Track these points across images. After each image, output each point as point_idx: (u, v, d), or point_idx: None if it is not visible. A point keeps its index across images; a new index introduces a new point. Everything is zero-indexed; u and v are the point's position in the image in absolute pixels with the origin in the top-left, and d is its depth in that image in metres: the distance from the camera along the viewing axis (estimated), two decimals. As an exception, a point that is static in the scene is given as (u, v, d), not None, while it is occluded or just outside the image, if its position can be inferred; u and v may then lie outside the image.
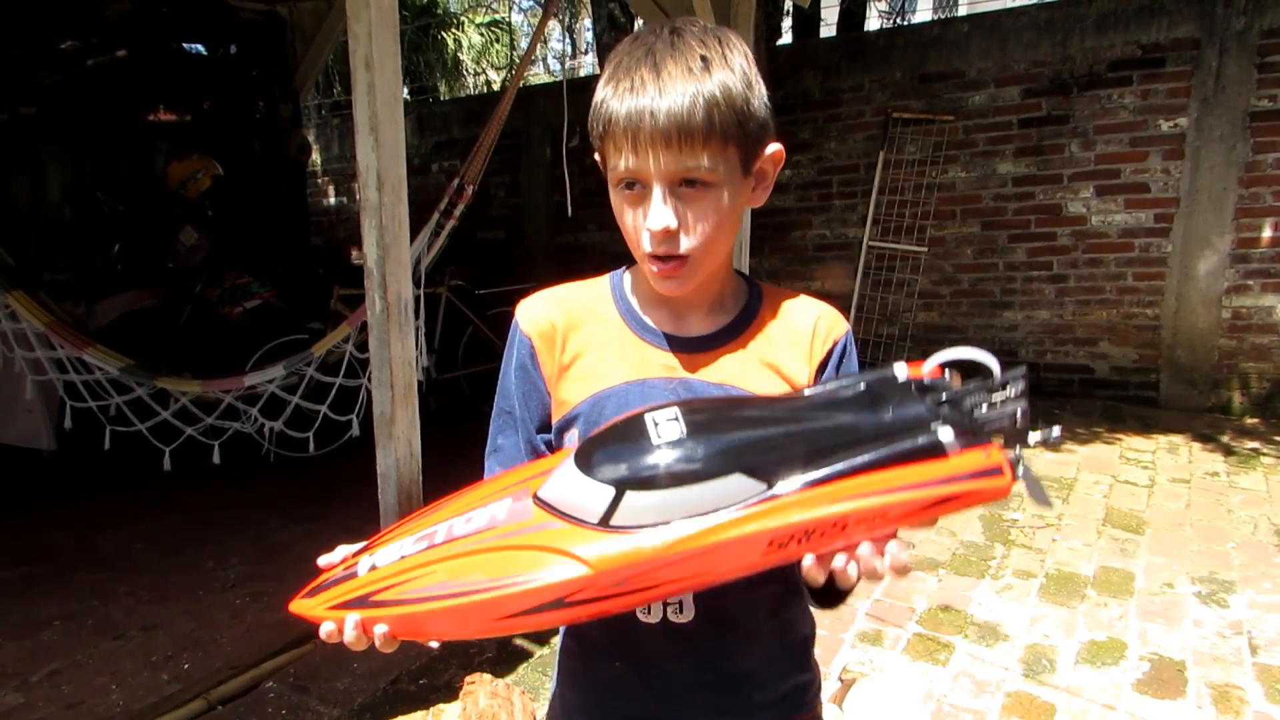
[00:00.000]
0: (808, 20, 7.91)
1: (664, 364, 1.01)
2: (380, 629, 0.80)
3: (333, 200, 9.94)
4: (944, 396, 0.80)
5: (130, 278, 5.65)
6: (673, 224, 0.91)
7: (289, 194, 6.95)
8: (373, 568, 0.82)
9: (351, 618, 0.81)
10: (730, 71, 0.90)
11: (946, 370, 0.84)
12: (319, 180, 9.87)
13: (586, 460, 0.78)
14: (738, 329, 1.04)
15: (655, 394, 0.99)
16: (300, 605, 0.85)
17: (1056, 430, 0.82)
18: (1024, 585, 3.28)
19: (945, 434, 0.76)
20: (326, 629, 0.83)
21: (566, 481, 0.79)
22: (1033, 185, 5.98)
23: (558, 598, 0.75)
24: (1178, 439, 5.04)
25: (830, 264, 6.79)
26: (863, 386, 0.84)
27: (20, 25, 5.43)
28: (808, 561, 0.76)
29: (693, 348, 1.02)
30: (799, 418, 0.81)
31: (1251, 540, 3.65)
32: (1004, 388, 0.79)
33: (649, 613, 0.99)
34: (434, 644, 0.85)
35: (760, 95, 0.94)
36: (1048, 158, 5.90)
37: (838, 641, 2.89)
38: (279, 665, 2.81)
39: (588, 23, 13.58)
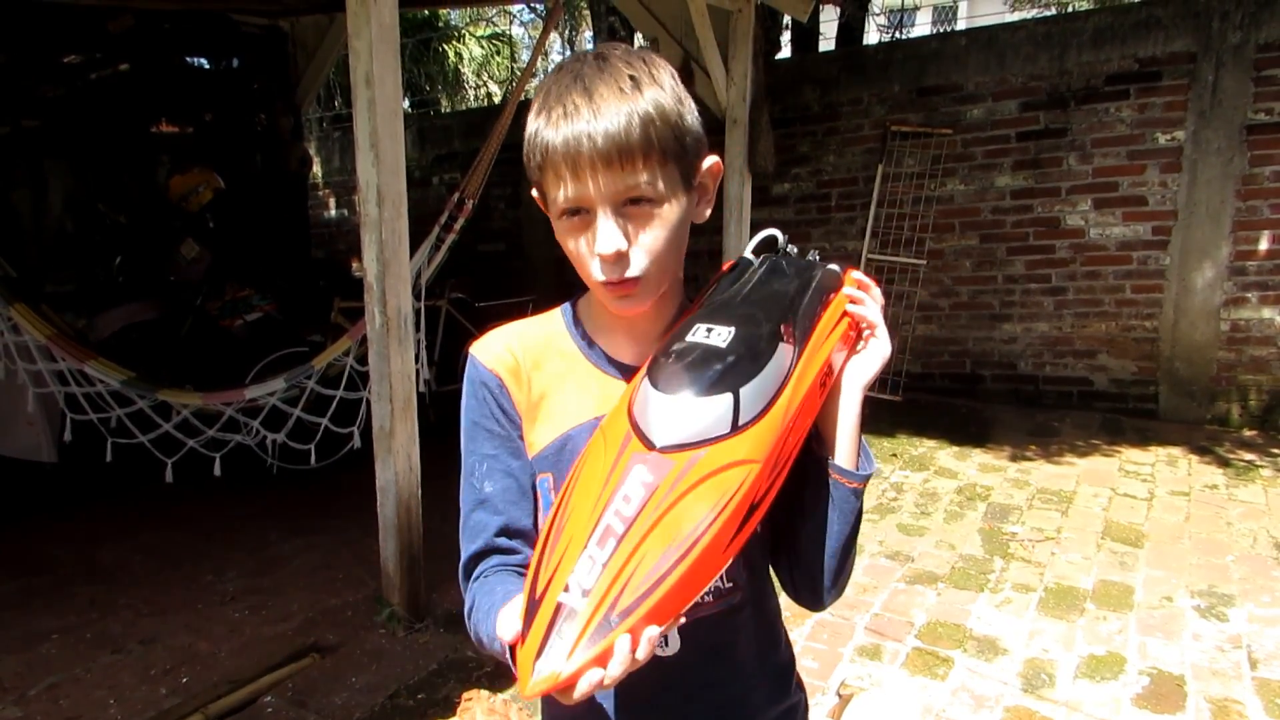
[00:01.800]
0: (806, 34, 7.94)
1: None
2: (651, 631, 0.74)
3: (333, 213, 9.97)
4: (791, 257, 1.05)
5: (132, 290, 5.67)
6: (623, 245, 0.90)
7: (290, 207, 6.97)
8: (585, 592, 0.75)
9: (623, 640, 0.73)
10: (660, 89, 0.91)
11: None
12: (320, 193, 9.90)
13: (677, 388, 0.84)
14: None
15: None
16: (544, 680, 0.74)
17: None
18: (1023, 599, 3.28)
19: (834, 266, 1.03)
20: (592, 680, 0.73)
21: (679, 414, 0.82)
22: (1031, 198, 6.00)
23: (751, 503, 0.80)
24: (1177, 451, 5.04)
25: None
26: (756, 270, 1.03)
27: (24, 39, 5.46)
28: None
29: None
30: (764, 296, 0.97)
31: (1251, 553, 3.65)
32: (789, 247, 1.07)
33: None
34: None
35: (692, 110, 0.95)
36: (1045, 171, 5.92)
37: (836, 656, 2.89)
38: (277, 679, 2.81)
39: (588, 35, 13.64)
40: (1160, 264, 5.66)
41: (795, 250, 1.06)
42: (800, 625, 3.08)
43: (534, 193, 0.98)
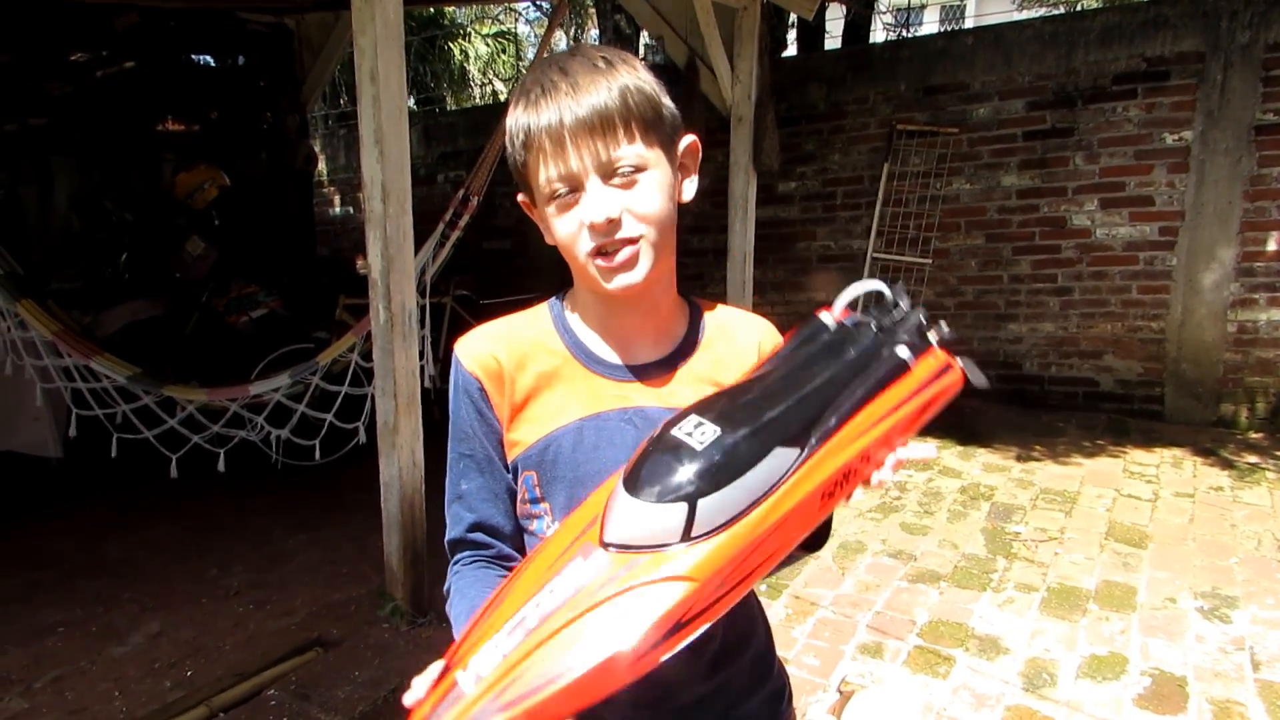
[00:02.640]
0: (812, 33, 7.93)
1: (616, 394, 1.01)
2: None
3: (339, 210, 9.99)
4: (873, 326, 0.92)
5: (137, 287, 5.69)
6: (614, 212, 0.91)
7: (295, 204, 6.99)
8: (478, 678, 0.76)
9: None
10: (633, 69, 0.93)
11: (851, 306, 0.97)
12: (325, 190, 9.93)
13: (638, 489, 0.79)
14: (686, 352, 1.04)
15: (610, 427, 0.99)
16: None
17: (944, 326, 0.95)
18: (1025, 599, 3.28)
19: (903, 351, 0.89)
20: None
21: (632, 516, 0.79)
22: (1037, 198, 5.98)
23: (675, 622, 0.76)
24: (1182, 453, 5.03)
25: (831, 275, 6.79)
26: (817, 343, 0.93)
27: (31, 37, 5.48)
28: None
29: (644, 375, 1.02)
30: (794, 383, 0.87)
31: (1255, 555, 3.64)
32: (897, 305, 0.94)
33: None
34: None
35: (665, 92, 0.97)
36: (1052, 170, 5.91)
37: (838, 653, 2.89)
38: (281, 673, 2.82)
39: (594, 34, 13.64)
40: (1167, 265, 5.64)
41: (905, 303, 0.94)
42: (802, 623, 3.09)
43: (520, 197, 0.99)
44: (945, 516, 4.14)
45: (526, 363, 1.03)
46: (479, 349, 1.04)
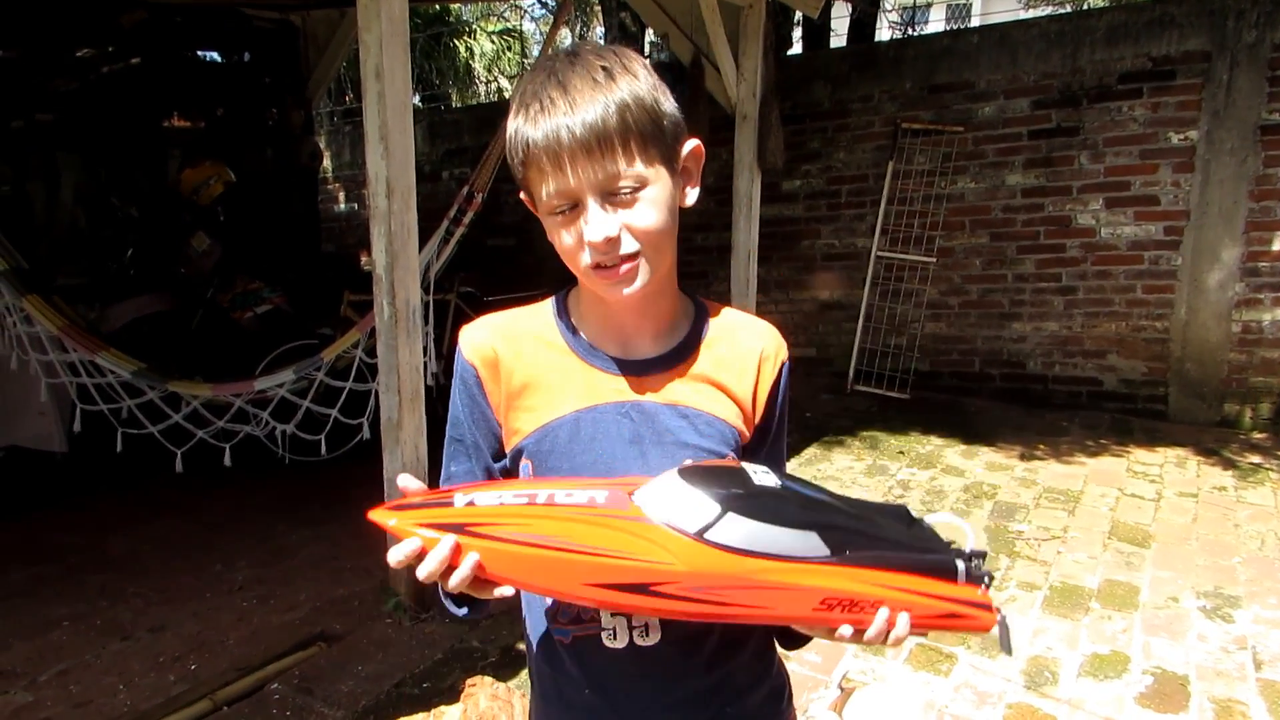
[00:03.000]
0: (818, 31, 7.93)
1: (614, 388, 1.02)
2: (471, 558, 0.81)
3: (344, 206, 10.00)
4: (957, 550, 0.95)
5: (143, 282, 5.70)
6: (613, 232, 0.92)
7: (300, 200, 7.00)
8: (471, 503, 0.83)
9: (449, 538, 0.81)
10: (634, 77, 0.92)
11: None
12: (330, 186, 9.94)
13: (690, 477, 0.85)
14: (686, 351, 1.04)
15: (607, 419, 1.01)
16: (382, 515, 0.84)
17: (1002, 617, 0.95)
18: (1028, 597, 3.28)
19: (960, 564, 0.91)
20: (409, 546, 0.81)
21: (671, 490, 0.84)
22: (1042, 197, 5.98)
23: (645, 582, 0.81)
24: (1186, 453, 5.02)
25: (835, 273, 6.79)
26: (895, 513, 0.97)
27: (37, 33, 5.49)
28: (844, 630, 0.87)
29: (641, 370, 1.03)
30: (859, 514, 0.92)
31: (1258, 555, 3.64)
32: (971, 560, 0.94)
33: (615, 638, 1.00)
34: (507, 591, 0.85)
35: (667, 96, 0.96)
36: (1057, 169, 5.91)
37: (839, 650, 2.89)
38: (284, 667, 2.83)
39: (599, 31, 13.64)
40: (1172, 264, 5.64)
41: (977, 562, 0.94)
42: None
43: (522, 195, 1.00)
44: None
45: (524, 353, 1.04)
46: (479, 338, 1.06)
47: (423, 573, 0.82)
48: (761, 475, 0.87)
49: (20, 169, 5.64)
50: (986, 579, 0.94)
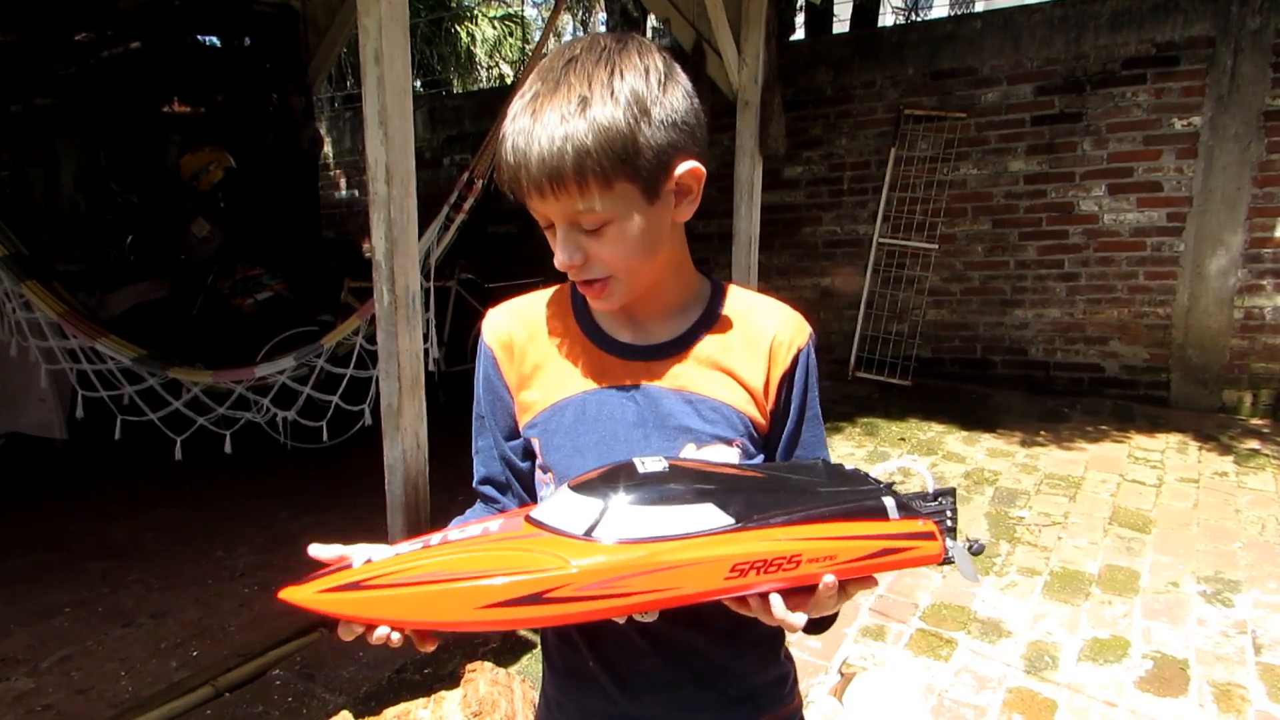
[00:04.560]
0: (821, 16, 7.88)
1: (622, 371, 1.03)
2: (381, 631, 0.83)
3: (344, 193, 9.99)
4: (883, 484, 0.93)
5: (143, 269, 5.70)
6: (577, 259, 0.93)
7: (301, 186, 6.98)
8: (368, 560, 0.85)
9: (353, 627, 0.83)
10: (613, 105, 0.87)
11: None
12: (331, 173, 9.92)
13: (577, 487, 0.85)
14: (696, 335, 1.04)
15: (613, 401, 1.01)
16: (291, 593, 0.85)
17: (981, 543, 0.94)
18: (1028, 582, 3.28)
19: (889, 502, 0.89)
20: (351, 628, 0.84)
21: (558, 501, 0.85)
22: (1044, 183, 5.96)
23: (536, 592, 0.79)
24: (1187, 438, 5.02)
25: (839, 262, 6.78)
26: (819, 467, 0.96)
27: (36, 17, 5.47)
28: (779, 608, 0.84)
29: (650, 355, 1.03)
30: (768, 476, 0.92)
31: (1259, 540, 3.64)
32: (935, 500, 0.93)
33: None
34: (429, 649, 0.87)
35: (660, 118, 0.90)
36: (1060, 155, 5.88)
37: (840, 636, 2.89)
38: (286, 653, 2.84)
39: (601, 17, 13.58)
40: (1174, 250, 5.62)
41: (946, 501, 0.93)
42: (805, 606, 3.09)
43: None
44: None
45: (538, 335, 1.07)
46: (497, 321, 1.10)
47: (372, 638, 0.84)
48: (650, 463, 0.86)
49: (19, 154, 5.63)
50: (944, 515, 0.92)
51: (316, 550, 0.88)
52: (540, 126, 0.87)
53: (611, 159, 0.87)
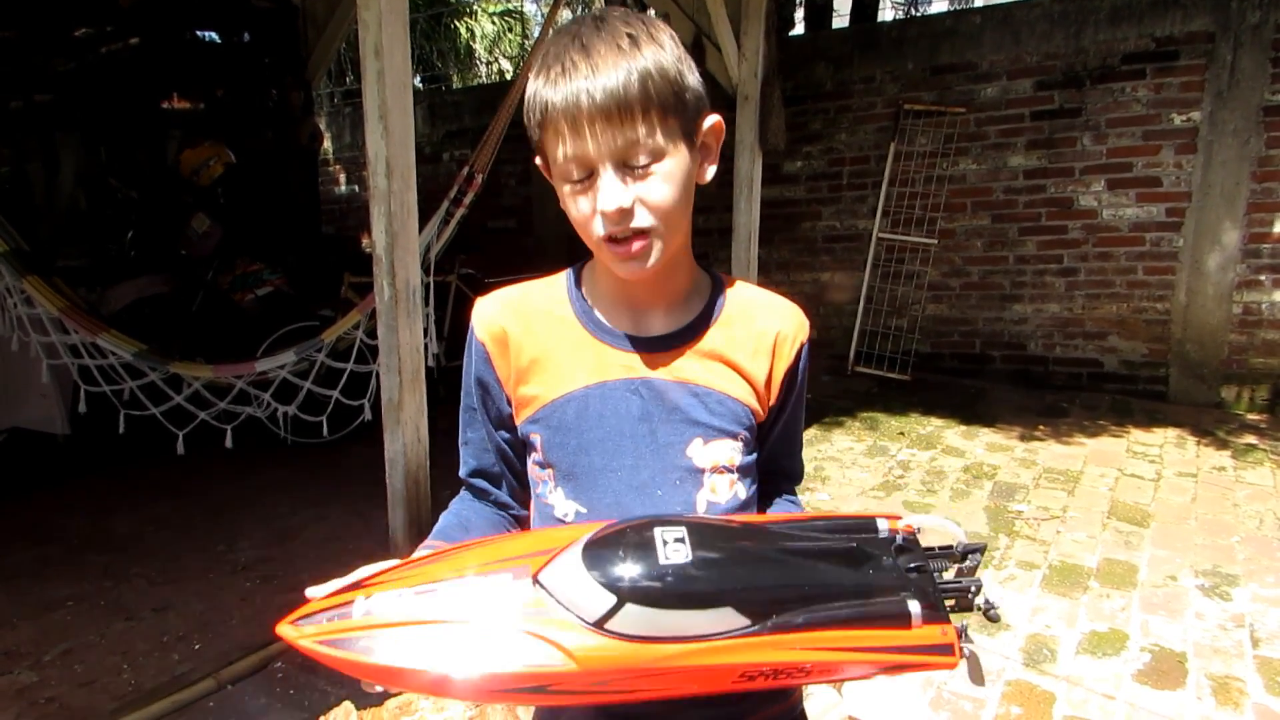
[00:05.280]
0: (820, 11, 7.88)
1: (623, 364, 1.01)
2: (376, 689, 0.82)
3: (344, 188, 9.98)
4: (913, 563, 0.88)
5: (143, 264, 5.69)
6: (626, 202, 0.90)
7: (301, 182, 6.98)
8: (368, 613, 0.81)
9: (346, 705, 0.83)
10: (659, 47, 0.90)
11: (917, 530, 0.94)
12: (331, 168, 9.91)
13: (593, 560, 0.80)
14: (698, 328, 1.03)
15: (616, 395, 1.00)
16: (287, 631, 0.83)
17: (997, 612, 0.91)
18: (1027, 576, 3.30)
19: (914, 607, 0.84)
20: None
21: (570, 575, 0.80)
22: (1044, 178, 5.97)
23: (540, 684, 0.77)
24: (1185, 433, 5.03)
25: (838, 257, 6.79)
26: (847, 538, 0.91)
27: (35, 13, 5.46)
28: None
29: (652, 347, 1.02)
30: (793, 563, 0.86)
31: (1257, 534, 3.65)
32: (964, 558, 0.90)
33: None
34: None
35: (692, 69, 0.94)
36: (1059, 151, 5.89)
37: (840, 629, 2.90)
38: (288, 646, 2.84)
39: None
40: (1173, 246, 5.63)
41: (971, 562, 0.90)
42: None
43: (537, 160, 0.99)
44: (948, 495, 4.16)
45: (534, 328, 1.04)
46: (489, 313, 1.06)
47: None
48: (673, 545, 0.81)
49: (19, 150, 5.63)
50: (968, 591, 0.88)
51: (313, 591, 0.86)
52: (599, 58, 0.88)
53: (669, 89, 0.90)
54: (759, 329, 1.05)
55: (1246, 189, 5.35)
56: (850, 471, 4.49)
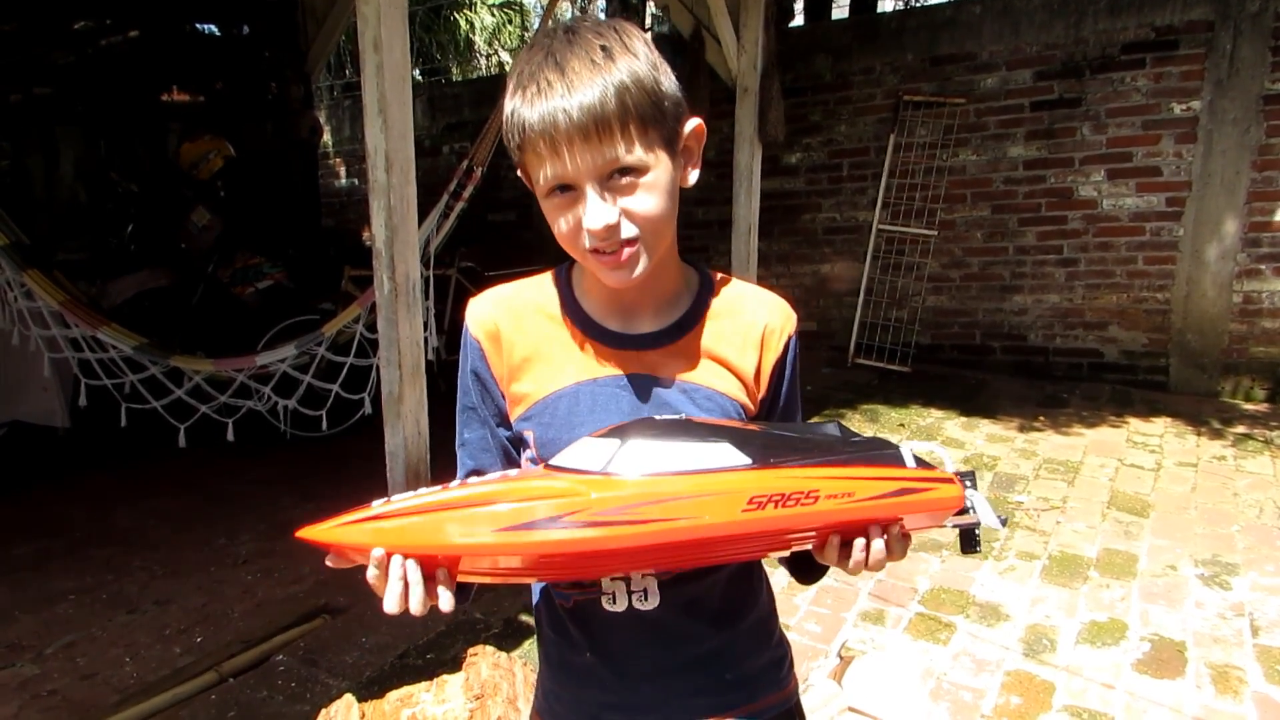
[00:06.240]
0: (820, 2, 7.86)
1: (614, 361, 1.02)
2: (377, 552, 0.83)
3: (344, 181, 9.97)
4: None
5: (143, 257, 5.70)
6: (612, 219, 0.90)
7: (300, 175, 6.98)
8: (387, 501, 0.85)
9: (378, 550, 0.83)
10: (633, 56, 0.90)
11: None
12: (330, 161, 9.90)
13: (596, 436, 0.87)
14: (687, 325, 1.04)
15: (607, 392, 1.01)
16: (310, 531, 0.86)
17: (1002, 516, 0.96)
18: (1027, 566, 3.30)
19: (906, 453, 0.91)
20: (372, 567, 0.84)
21: (577, 447, 0.87)
22: (1044, 169, 5.95)
23: (554, 515, 0.81)
24: (1185, 423, 5.03)
25: (838, 248, 6.78)
26: (838, 427, 0.96)
27: (35, 6, 5.46)
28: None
29: (642, 345, 1.03)
30: (784, 429, 0.94)
31: (1256, 524, 3.65)
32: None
33: (614, 602, 1.01)
34: (450, 607, 0.86)
35: (668, 74, 0.93)
36: (1059, 141, 5.88)
37: (839, 620, 2.91)
38: (289, 639, 2.86)
39: (600, 4, 13.53)
40: (1173, 235, 5.62)
41: (977, 508, 0.95)
42: (805, 590, 3.11)
43: (519, 173, 0.99)
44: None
45: (526, 327, 1.05)
46: (482, 311, 1.07)
47: (388, 605, 0.84)
48: (667, 411, 0.89)
49: (19, 143, 5.63)
50: (964, 479, 0.94)
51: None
52: (574, 75, 0.87)
53: (647, 100, 0.89)
54: (747, 322, 1.06)
55: (1246, 178, 5.34)
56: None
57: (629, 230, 0.92)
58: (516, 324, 1.05)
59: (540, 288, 1.08)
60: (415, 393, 3.10)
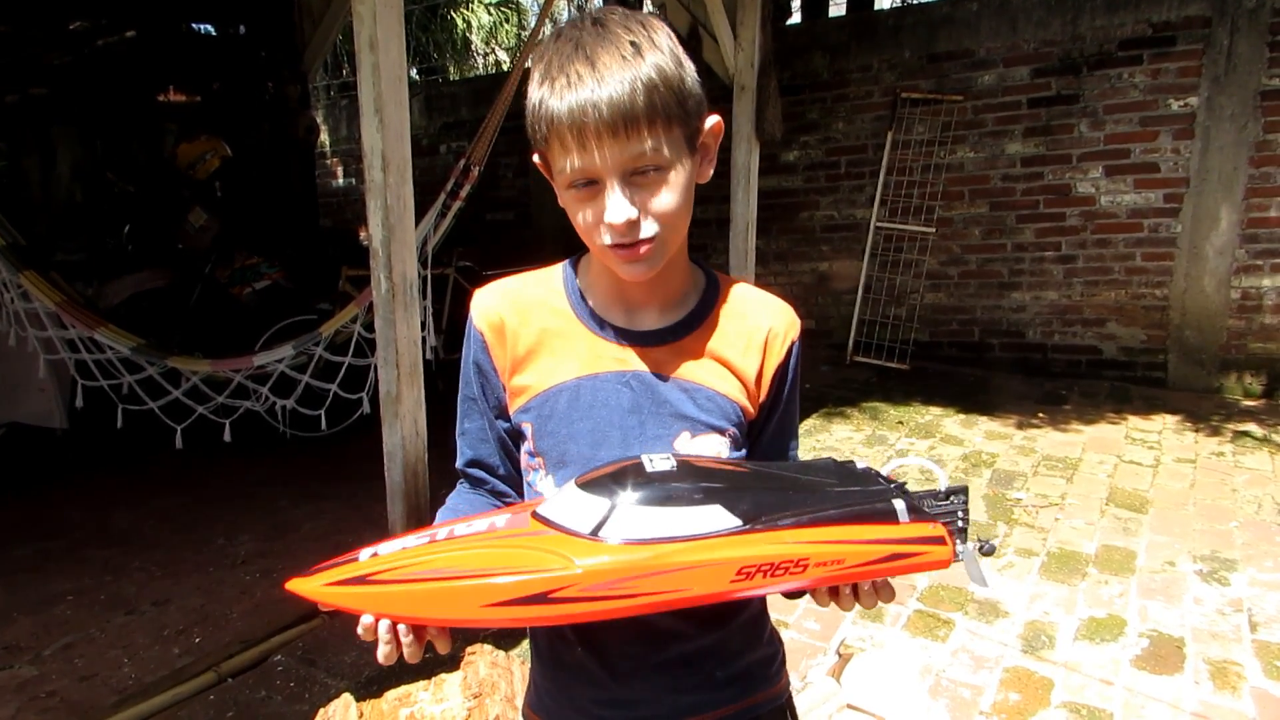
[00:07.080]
0: (817, -1, 7.87)
1: (616, 358, 1.02)
2: (365, 620, 0.85)
3: (341, 181, 9.96)
4: (894, 486, 0.92)
5: (140, 258, 5.70)
6: (633, 215, 0.91)
7: (297, 175, 6.96)
8: (374, 555, 0.85)
9: (368, 617, 0.85)
10: (661, 53, 0.90)
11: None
12: (328, 161, 9.89)
13: (585, 486, 0.85)
14: (692, 324, 1.04)
15: (607, 387, 1.01)
16: (298, 584, 0.87)
17: (992, 543, 0.95)
18: (1025, 563, 3.30)
19: (899, 504, 0.88)
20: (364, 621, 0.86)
21: (565, 499, 0.85)
22: (1041, 165, 5.96)
23: (542, 592, 0.79)
24: (1184, 419, 5.03)
25: (836, 246, 6.78)
26: (830, 464, 0.95)
27: (30, 6, 5.45)
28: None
29: (646, 341, 1.03)
30: (776, 477, 0.91)
31: (1255, 519, 3.66)
32: (948, 499, 0.93)
33: None
34: (446, 650, 0.88)
35: (691, 72, 0.94)
36: (1057, 138, 5.88)
37: (838, 617, 2.91)
38: (288, 639, 2.86)
39: (597, 2, 13.51)
40: (1171, 231, 5.62)
41: (958, 499, 0.94)
42: (803, 589, 3.11)
43: (535, 159, 0.99)
44: (946, 484, 4.15)
45: (530, 319, 1.05)
46: (487, 303, 1.08)
47: (381, 660, 0.88)
48: (659, 461, 0.86)
49: (16, 144, 5.62)
50: (955, 515, 0.92)
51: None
52: (604, 69, 0.88)
53: (673, 99, 0.90)
54: (750, 325, 1.06)
55: (1244, 174, 5.34)
56: (849, 460, 4.50)
57: (649, 228, 0.93)
58: (521, 317, 1.05)
59: (546, 281, 1.09)
60: (413, 392, 3.09)
